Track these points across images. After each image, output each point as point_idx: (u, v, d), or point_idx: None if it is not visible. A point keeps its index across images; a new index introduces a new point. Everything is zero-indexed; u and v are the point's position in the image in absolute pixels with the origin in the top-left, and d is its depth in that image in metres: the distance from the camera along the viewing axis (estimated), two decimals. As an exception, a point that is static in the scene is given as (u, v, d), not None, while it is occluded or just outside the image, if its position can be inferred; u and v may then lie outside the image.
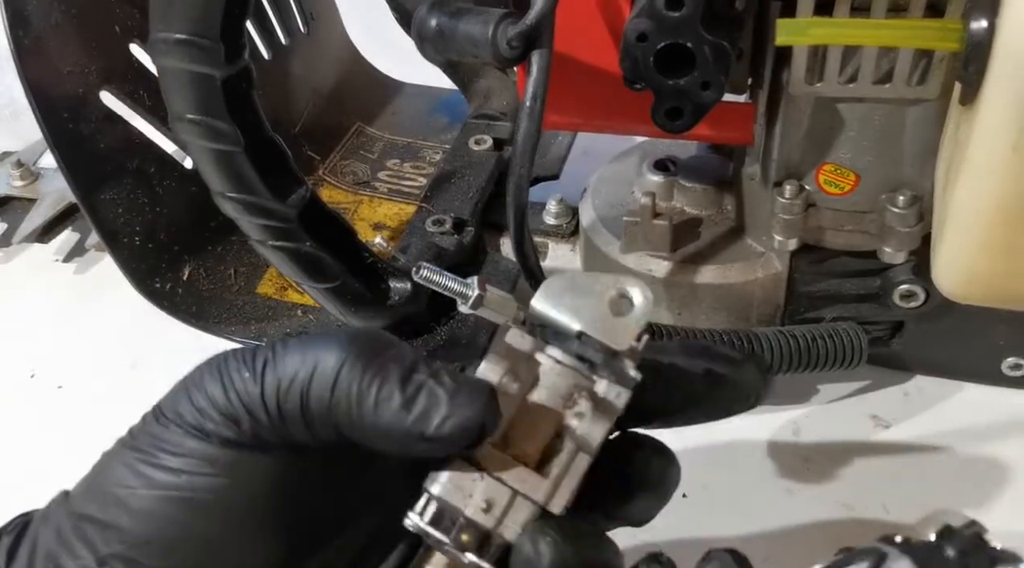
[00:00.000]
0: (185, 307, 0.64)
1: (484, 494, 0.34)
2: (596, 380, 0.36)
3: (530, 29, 0.42)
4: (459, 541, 0.33)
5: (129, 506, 0.34)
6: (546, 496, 0.34)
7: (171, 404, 0.35)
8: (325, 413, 0.33)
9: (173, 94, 0.47)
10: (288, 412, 0.33)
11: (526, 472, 0.34)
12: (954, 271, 0.41)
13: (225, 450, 0.34)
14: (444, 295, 0.47)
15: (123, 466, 0.35)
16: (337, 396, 0.33)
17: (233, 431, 0.34)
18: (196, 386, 0.35)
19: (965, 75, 0.37)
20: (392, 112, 0.84)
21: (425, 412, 0.32)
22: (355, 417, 0.33)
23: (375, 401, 0.32)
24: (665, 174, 0.62)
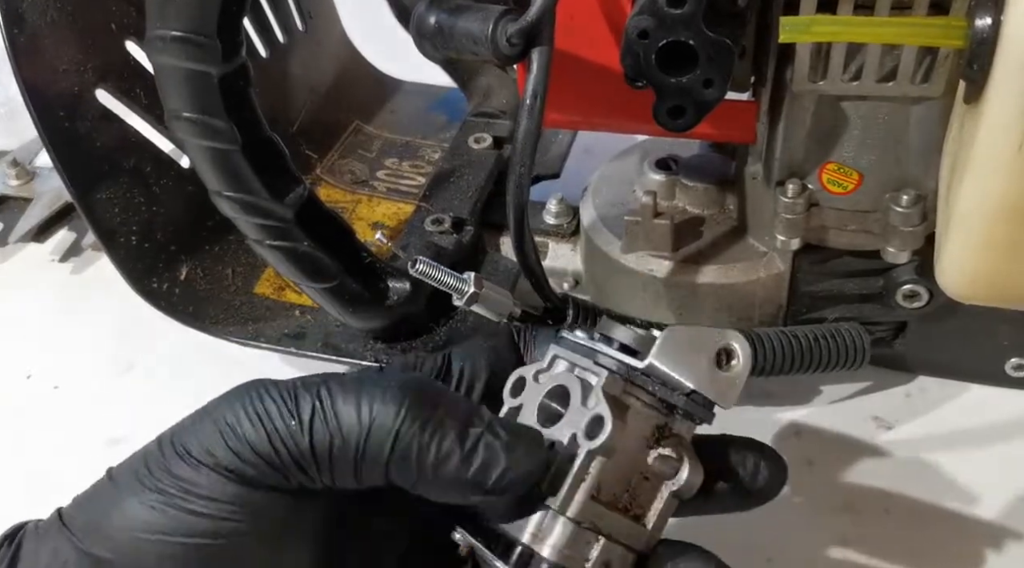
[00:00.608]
0: (182, 307, 0.63)
1: (603, 556, 0.34)
2: (675, 417, 0.37)
3: (530, 26, 0.41)
4: None
5: (154, 553, 0.33)
6: (647, 545, 0.36)
7: (198, 442, 0.34)
8: (380, 468, 0.33)
9: (170, 92, 0.47)
10: (340, 467, 0.33)
11: (633, 526, 0.35)
12: (958, 271, 0.41)
13: (267, 495, 0.33)
14: (443, 295, 0.47)
15: (143, 507, 0.33)
16: (396, 454, 0.33)
17: (276, 479, 0.33)
18: (230, 427, 0.33)
19: (969, 73, 0.37)
20: (391, 110, 0.84)
21: (484, 466, 0.33)
22: (414, 473, 0.33)
23: (435, 459, 0.33)
24: (667, 173, 0.62)
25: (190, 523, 0.33)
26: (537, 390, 0.38)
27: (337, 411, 0.33)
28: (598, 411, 0.35)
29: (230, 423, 0.34)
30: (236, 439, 0.33)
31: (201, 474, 0.33)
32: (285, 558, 0.35)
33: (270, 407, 0.34)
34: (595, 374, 0.36)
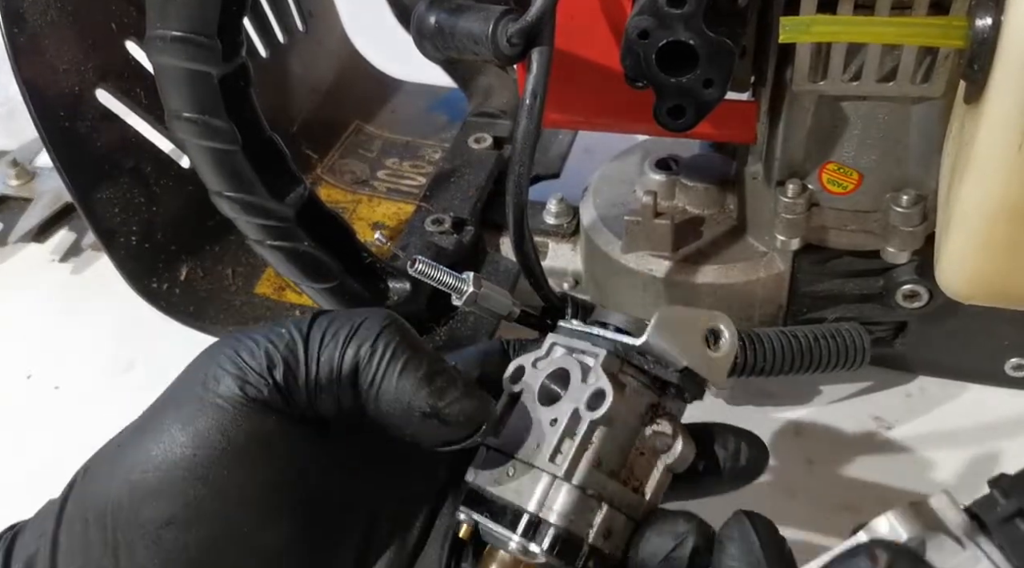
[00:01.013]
0: (182, 307, 0.63)
1: (606, 523, 0.36)
2: (668, 395, 0.39)
3: (530, 26, 0.41)
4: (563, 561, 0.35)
5: (139, 484, 0.34)
6: (644, 513, 0.37)
7: (185, 373, 0.36)
8: (355, 371, 0.35)
9: (170, 92, 0.46)
10: (324, 369, 0.35)
11: (632, 496, 0.37)
12: (958, 271, 0.41)
13: (241, 418, 0.34)
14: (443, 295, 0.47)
15: (130, 444, 0.36)
16: (374, 348, 0.35)
17: (262, 388, 0.34)
18: (222, 351, 0.36)
19: (970, 73, 0.37)
20: (391, 110, 0.83)
21: (442, 389, 0.35)
22: (383, 377, 0.35)
23: (404, 364, 0.35)
24: (667, 173, 0.62)
25: (178, 454, 0.34)
26: (536, 375, 0.39)
27: (332, 317, 0.37)
28: (599, 386, 0.37)
29: (224, 351, 0.36)
30: (229, 360, 0.35)
31: (189, 407, 0.35)
32: (275, 493, 0.35)
33: (265, 332, 0.36)
34: (593, 355, 0.38)
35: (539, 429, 0.37)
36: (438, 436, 0.36)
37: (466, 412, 0.35)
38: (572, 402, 0.37)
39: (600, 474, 0.36)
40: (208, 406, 0.34)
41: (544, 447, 0.37)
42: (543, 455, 0.36)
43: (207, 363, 0.36)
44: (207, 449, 0.34)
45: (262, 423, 0.35)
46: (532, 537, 0.35)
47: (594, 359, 0.38)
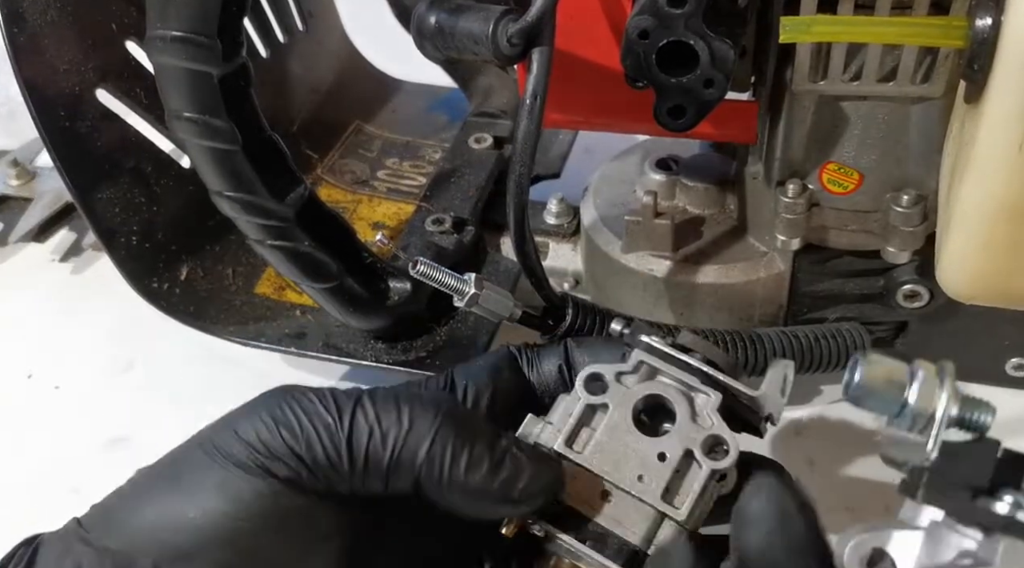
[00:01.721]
0: (183, 307, 0.63)
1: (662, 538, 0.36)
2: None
3: (531, 26, 0.41)
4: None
5: (174, 547, 0.33)
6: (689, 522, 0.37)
7: (230, 441, 0.34)
8: (411, 472, 0.34)
9: (170, 92, 0.47)
10: (372, 467, 0.34)
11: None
12: (958, 270, 0.41)
13: (295, 496, 0.34)
14: (444, 295, 0.47)
15: (168, 505, 0.34)
16: (432, 454, 0.34)
17: (309, 479, 0.33)
18: (264, 425, 0.34)
19: (970, 73, 0.37)
20: (391, 110, 0.83)
21: (511, 479, 0.34)
22: (445, 477, 0.34)
23: (466, 466, 0.34)
24: (667, 173, 0.62)
25: (217, 521, 0.33)
26: (624, 394, 0.38)
27: (378, 412, 0.34)
28: (717, 433, 0.37)
29: (264, 422, 0.34)
30: (271, 436, 0.34)
31: (231, 473, 0.34)
32: (309, 561, 0.35)
33: (307, 406, 0.34)
34: (699, 392, 0.38)
35: (640, 458, 0.37)
36: (517, 514, 0.36)
37: (538, 487, 0.35)
38: (683, 441, 0.37)
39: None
40: (252, 475, 0.34)
41: (652, 482, 0.36)
42: (652, 490, 0.36)
43: (251, 420, 0.34)
44: (246, 520, 0.33)
45: (304, 500, 0.34)
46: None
47: (705, 399, 0.38)
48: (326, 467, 0.34)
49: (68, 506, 0.38)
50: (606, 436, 0.37)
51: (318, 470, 0.34)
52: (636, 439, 0.37)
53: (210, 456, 0.34)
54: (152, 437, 0.66)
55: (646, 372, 0.39)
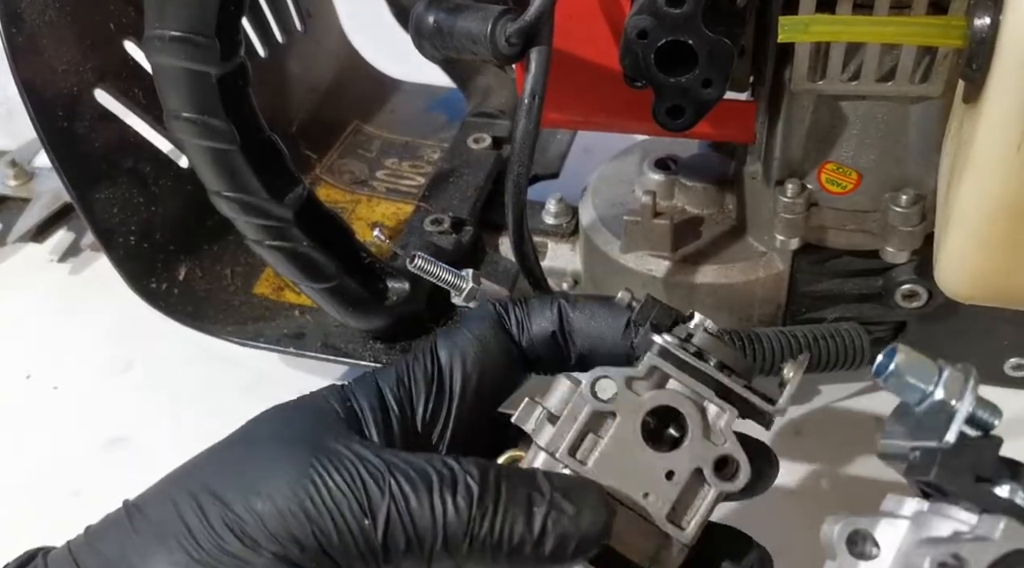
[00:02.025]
0: (181, 307, 0.63)
1: None
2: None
3: (529, 26, 0.41)
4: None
5: None
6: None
7: (254, 522, 0.33)
8: (451, 564, 0.34)
9: (168, 92, 0.46)
10: (409, 564, 0.34)
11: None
12: (957, 270, 0.41)
13: None
14: (442, 295, 0.47)
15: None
16: (472, 551, 0.34)
17: (325, 563, 0.33)
18: (292, 514, 0.33)
19: (968, 72, 0.37)
20: (390, 110, 0.83)
21: (557, 546, 0.34)
22: (490, 560, 0.34)
23: (509, 550, 0.34)
24: (666, 173, 0.62)
25: None
26: (634, 402, 0.37)
27: (412, 512, 0.34)
28: (729, 452, 0.36)
29: (292, 510, 0.33)
30: (300, 527, 0.33)
31: (259, 557, 0.33)
32: None
33: (337, 497, 0.33)
34: (716, 405, 0.37)
35: (648, 474, 0.36)
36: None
37: (590, 544, 0.34)
38: (694, 459, 0.36)
39: None
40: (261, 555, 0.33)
41: (659, 501, 0.36)
42: (658, 509, 0.36)
43: (271, 495, 0.34)
44: None
45: None
46: None
47: (718, 412, 0.37)
48: (359, 563, 0.33)
49: (67, 506, 0.38)
50: (613, 448, 0.36)
51: (350, 565, 0.33)
52: (644, 452, 0.36)
53: (234, 534, 0.33)
54: (151, 437, 0.66)
55: (658, 378, 0.37)
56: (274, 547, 0.33)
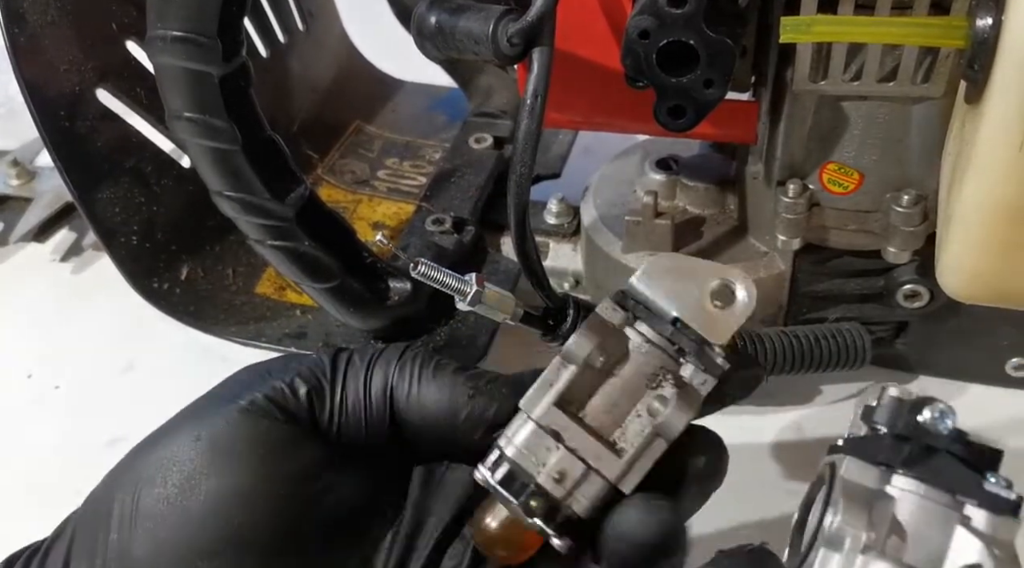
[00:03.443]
0: (183, 307, 0.63)
1: (558, 465, 0.34)
2: (682, 363, 0.36)
3: (531, 26, 0.41)
4: (528, 507, 0.34)
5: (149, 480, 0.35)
6: (619, 476, 0.35)
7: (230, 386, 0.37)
8: (387, 389, 0.37)
9: (170, 92, 0.46)
10: (350, 390, 0.37)
11: (602, 449, 0.35)
12: (959, 270, 0.41)
13: (264, 421, 0.35)
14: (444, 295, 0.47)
15: (143, 452, 0.36)
16: (403, 364, 0.37)
17: (293, 401, 0.36)
18: (256, 366, 0.37)
19: (970, 73, 0.37)
20: (391, 110, 0.83)
21: (478, 373, 0.37)
22: (420, 382, 0.37)
23: (435, 367, 0.37)
24: (667, 173, 0.62)
25: (183, 451, 0.35)
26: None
27: (348, 350, 0.38)
28: (578, 330, 0.36)
29: (254, 370, 0.37)
30: (257, 375, 0.37)
31: (200, 413, 0.36)
32: (293, 502, 0.35)
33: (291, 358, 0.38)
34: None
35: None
36: (483, 418, 0.36)
37: (508, 381, 0.37)
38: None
39: (563, 416, 0.35)
40: (227, 411, 0.35)
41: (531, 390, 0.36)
42: (528, 397, 0.36)
43: (231, 379, 0.37)
44: (220, 449, 0.35)
45: (279, 429, 0.36)
46: (494, 470, 0.35)
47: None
48: (305, 395, 0.36)
49: (68, 506, 0.38)
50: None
51: (301, 400, 0.36)
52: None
53: (190, 408, 0.37)
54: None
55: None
56: (244, 395, 0.37)
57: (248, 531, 0.34)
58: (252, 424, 0.35)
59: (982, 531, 0.28)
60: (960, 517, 0.29)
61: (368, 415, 0.37)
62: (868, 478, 0.31)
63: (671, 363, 0.36)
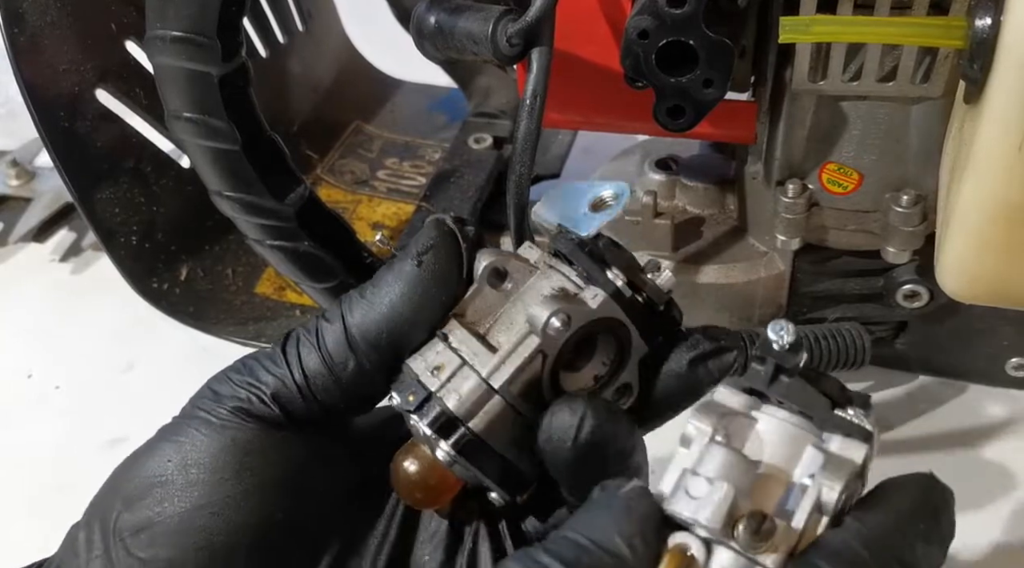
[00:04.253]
0: (182, 307, 0.64)
1: (436, 360, 0.35)
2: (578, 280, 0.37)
3: (530, 26, 0.41)
4: (407, 400, 0.35)
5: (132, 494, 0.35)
6: (490, 370, 0.35)
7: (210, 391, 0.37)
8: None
9: (169, 92, 0.46)
10: (307, 360, 0.36)
11: (480, 347, 0.35)
12: (958, 271, 0.41)
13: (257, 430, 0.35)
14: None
15: (124, 469, 0.36)
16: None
17: (253, 399, 0.36)
18: (238, 371, 0.37)
19: (970, 73, 0.37)
20: (391, 110, 0.84)
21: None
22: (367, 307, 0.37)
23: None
24: (667, 173, 0.62)
25: (161, 466, 0.35)
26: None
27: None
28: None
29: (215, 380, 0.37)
30: (224, 385, 0.36)
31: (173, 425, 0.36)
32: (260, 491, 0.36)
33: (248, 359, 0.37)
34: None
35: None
36: (435, 298, 0.36)
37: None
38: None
39: (456, 323, 0.36)
40: (196, 426, 0.36)
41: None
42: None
43: (197, 395, 0.37)
44: (190, 465, 0.35)
45: (249, 433, 0.35)
46: (398, 387, 0.36)
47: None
48: (275, 384, 0.36)
49: (68, 506, 0.38)
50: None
51: (265, 398, 0.36)
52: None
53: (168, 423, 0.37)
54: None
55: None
56: (228, 399, 0.37)
57: (226, 539, 0.34)
58: (219, 436, 0.35)
59: (830, 450, 0.30)
60: (814, 440, 0.30)
61: (332, 368, 0.36)
62: (735, 402, 0.32)
63: (571, 286, 0.36)
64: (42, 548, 0.37)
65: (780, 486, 0.29)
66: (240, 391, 0.36)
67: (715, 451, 0.29)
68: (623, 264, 0.36)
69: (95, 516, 0.35)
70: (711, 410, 0.31)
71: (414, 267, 0.36)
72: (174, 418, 0.37)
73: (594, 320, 0.35)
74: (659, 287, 0.37)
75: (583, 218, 0.39)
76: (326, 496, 0.37)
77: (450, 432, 0.34)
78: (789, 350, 0.31)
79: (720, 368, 0.36)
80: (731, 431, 0.30)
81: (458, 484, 0.36)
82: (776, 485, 0.29)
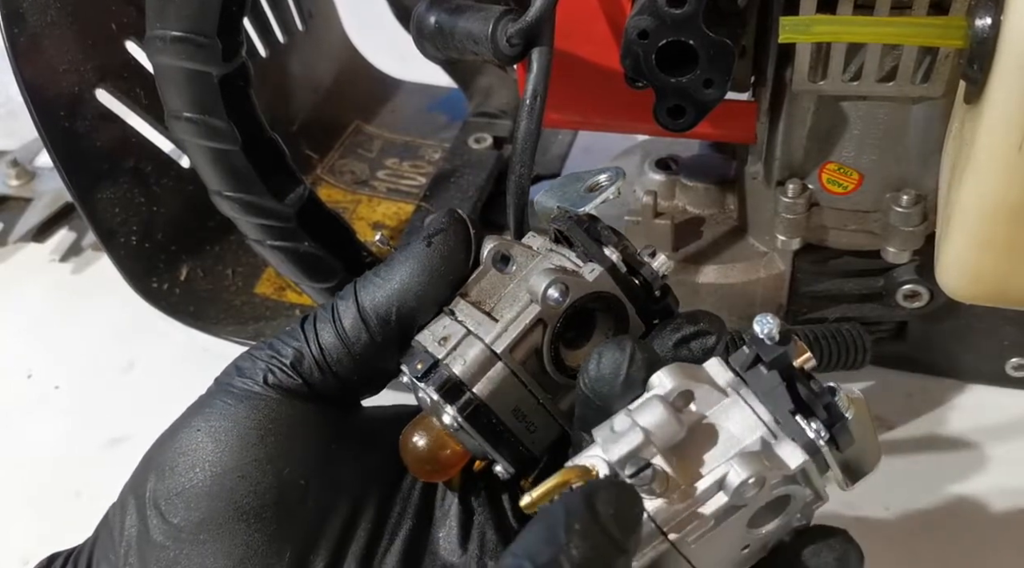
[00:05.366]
0: (182, 307, 0.64)
1: (444, 332, 0.37)
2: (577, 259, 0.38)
3: (530, 26, 0.41)
4: (415, 368, 0.36)
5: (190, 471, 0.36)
6: (493, 338, 0.36)
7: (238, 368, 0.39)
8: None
9: (170, 92, 0.46)
10: (324, 336, 0.38)
11: (484, 317, 0.37)
12: (958, 271, 0.41)
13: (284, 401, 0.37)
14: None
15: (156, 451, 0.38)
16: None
17: (279, 368, 0.37)
18: (265, 350, 0.38)
19: (970, 73, 0.37)
20: (391, 110, 0.84)
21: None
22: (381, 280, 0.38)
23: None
24: (667, 173, 0.62)
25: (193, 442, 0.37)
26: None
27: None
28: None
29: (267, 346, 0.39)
30: (272, 351, 0.38)
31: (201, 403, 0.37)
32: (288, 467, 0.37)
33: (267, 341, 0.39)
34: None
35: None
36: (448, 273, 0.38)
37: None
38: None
39: (461, 300, 0.37)
40: (222, 399, 0.37)
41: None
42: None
43: (225, 370, 0.39)
44: (218, 435, 0.36)
45: (274, 406, 0.37)
46: (409, 360, 0.37)
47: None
48: (294, 355, 0.37)
49: (68, 506, 0.38)
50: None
51: (286, 364, 0.37)
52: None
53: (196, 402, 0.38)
54: (152, 437, 0.66)
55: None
56: (259, 374, 0.38)
57: (253, 501, 0.36)
58: (243, 404, 0.37)
59: (771, 446, 0.31)
60: (766, 433, 0.31)
61: (346, 342, 0.38)
62: (720, 376, 0.33)
63: (568, 263, 0.37)
64: (42, 548, 0.37)
65: (712, 460, 0.31)
66: (261, 363, 0.38)
67: (654, 404, 0.31)
68: (620, 245, 0.37)
69: (129, 493, 0.37)
70: (682, 372, 0.32)
71: (424, 247, 0.38)
72: (200, 396, 0.39)
73: (591, 293, 0.36)
74: (655, 269, 0.38)
75: (579, 199, 0.41)
76: (346, 469, 0.39)
77: (456, 397, 0.35)
78: (778, 345, 0.31)
79: (703, 349, 0.36)
80: (698, 396, 0.32)
81: (465, 456, 0.37)
82: (709, 457, 0.31)
